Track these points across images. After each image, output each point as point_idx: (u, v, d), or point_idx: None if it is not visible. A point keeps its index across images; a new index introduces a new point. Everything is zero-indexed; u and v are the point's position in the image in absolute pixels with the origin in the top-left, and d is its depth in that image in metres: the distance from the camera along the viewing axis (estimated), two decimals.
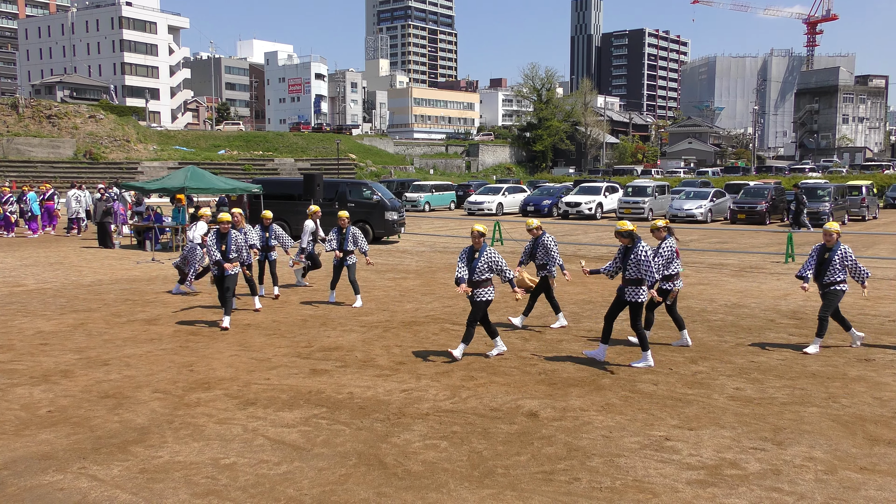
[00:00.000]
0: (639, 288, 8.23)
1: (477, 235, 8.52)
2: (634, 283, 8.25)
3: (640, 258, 8.16)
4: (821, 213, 27.90)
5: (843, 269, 8.97)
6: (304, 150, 69.58)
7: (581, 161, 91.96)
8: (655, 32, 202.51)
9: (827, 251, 9.02)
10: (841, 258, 8.93)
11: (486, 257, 8.49)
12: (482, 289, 8.51)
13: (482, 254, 8.51)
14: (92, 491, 5.12)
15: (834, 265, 8.91)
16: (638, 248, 8.23)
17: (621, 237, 8.39)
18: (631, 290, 8.29)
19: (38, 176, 48.48)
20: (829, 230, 9.05)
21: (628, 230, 8.35)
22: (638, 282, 8.23)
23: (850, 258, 8.96)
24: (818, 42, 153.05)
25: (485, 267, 8.48)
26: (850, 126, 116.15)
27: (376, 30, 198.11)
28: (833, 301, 9.00)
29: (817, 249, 9.14)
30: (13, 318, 10.95)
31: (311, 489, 5.14)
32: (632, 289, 8.28)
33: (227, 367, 8.29)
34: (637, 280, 8.22)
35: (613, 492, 5.10)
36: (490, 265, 8.49)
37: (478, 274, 8.45)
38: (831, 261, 8.92)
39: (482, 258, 8.49)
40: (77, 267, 16.80)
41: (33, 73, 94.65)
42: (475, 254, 8.56)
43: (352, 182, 26.51)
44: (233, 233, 10.60)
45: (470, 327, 8.57)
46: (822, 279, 9.01)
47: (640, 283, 8.22)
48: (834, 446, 5.94)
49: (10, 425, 6.41)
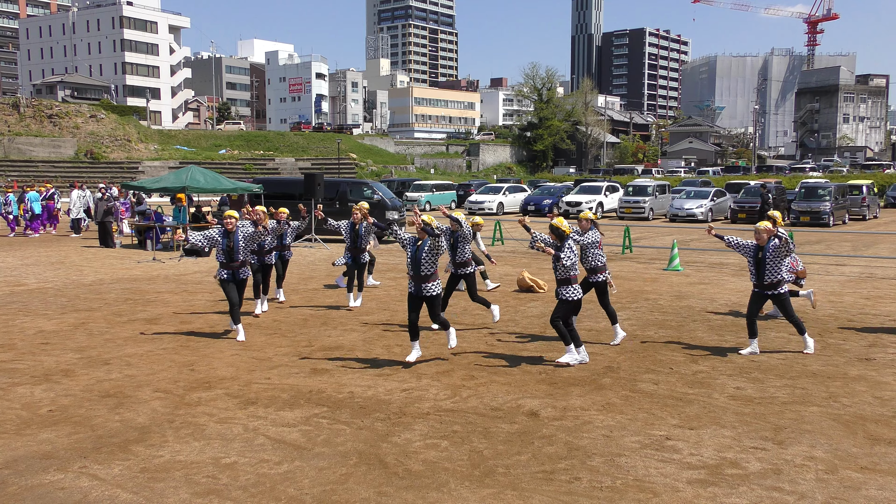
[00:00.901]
0: (568, 287, 8.24)
1: (420, 226, 8.11)
2: (563, 282, 8.27)
3: (561, 260, 8.14)
4: (821, 212, 27.90)
5: (779, 263, 8.65)
6: (305, 149, 69.61)
7: (582, 160, 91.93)
8: (656, 32, 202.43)
9: (760, 250, 8.74)
10: (773, 253, 8.61)
11: (427, 246, 8.14)
12: (431, 283, 8.20)
13: (423, 245, 8.17)
14: (93, 490, 5.13)
15: (770, 263, 8.66)
16: (563, 248, 8.19)
17: (551, 233, 8.32)
18: (562, 289, 8.30)
19: (40, 175, 48.50)
20: (758, 228, 8.75)
21: (559, 229, 8.20)
22: (566, 281, 8.24)
23: (779, 245, 8.57)
24: (819, 41, 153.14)
25: (430, 257, 8.12)
26: (850, 125, 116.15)
27: (377, 29, 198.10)
28: (788, 304, 8.75)
29: (753, 249, 8.82)
30: (14, 318, 10.96)
31: (312, 488, 5.15)
32: (563, 288, 8.29)
33: (228, 367, 8.29)
34: (566, 280, 8.23)
35: (614, 491, 5.11)
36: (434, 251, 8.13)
37: (424, 267, 8.13)
38: (765, 260, 8.67)
39: (425, 248, 8.14)
40: (78, 266, 16.81)
41: (34, 73, 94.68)
42: (418, 242, 8.23)
43: (353, 181, 26.53)
44: (241, 229, 9.64)
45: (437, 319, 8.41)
46: (762, 281, 8.72)
47: (569, 283, 8.23)
48: (835, 446, 5.94)
49: (11, 424, 6.42)
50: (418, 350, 8.48)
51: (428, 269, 8.15)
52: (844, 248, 20.65)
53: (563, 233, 8.24)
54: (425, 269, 8.13)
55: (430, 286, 8.22)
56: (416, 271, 8.16)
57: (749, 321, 8.92)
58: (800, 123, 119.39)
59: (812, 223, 27.71)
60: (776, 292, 8.74)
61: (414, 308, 8.32)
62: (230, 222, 9.54)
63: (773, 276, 8.68)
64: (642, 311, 11.60)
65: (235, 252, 9.50)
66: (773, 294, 8.76)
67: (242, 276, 9.69)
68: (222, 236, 9.51)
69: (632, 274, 15.68)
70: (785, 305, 8.79)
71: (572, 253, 8.19)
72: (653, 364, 8.43)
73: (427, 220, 8.16)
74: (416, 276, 8.19)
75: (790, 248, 8.61)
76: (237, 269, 9.60)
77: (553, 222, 8.31)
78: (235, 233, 9.54)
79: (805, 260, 17.62)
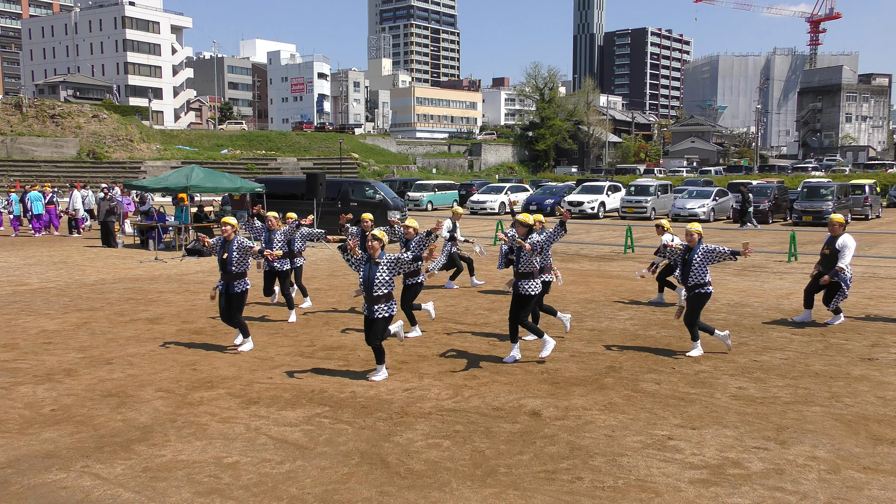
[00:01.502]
0: (529, 281, 8.27)
1: (371, 240, 7.50)
2: (526, 276, 8.29)
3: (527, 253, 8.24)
4: (823, 212, 27.86)
5: (705, 269, 8.61)
6: (307, 149, 69.64)
7: (584, 160, 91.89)
8: (658, 31, 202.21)
9: (689, 251, 8.71)
10: (702, 258, 8.57)
11: (385, 263, 7.55)
12: (383, 304, 7.57)
13: (382, 263, 7.54)
14: (95, 489, 5.13)
15: (696, 266, 8.60)
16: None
17: (519, 226, 8.38)
18: (523, 283, 8.31)
19: (42, 175, 48.58)
20: (689, 230, 8.73)
21: (526, 222, 8.35)
22: (528, 275, 8.28)
23: (711, 250, 8.57)
24: (821, 41, 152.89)
25: (385, 277, 7.52)
26: (853, 125, 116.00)
27: (379, 29, 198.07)
28: (697, 305, 8.72)
29: (682, 250, 8.82)
30: (17, 317, 10.97)
31: (314, 488, 5.15)
32: (524, 282, 8.30)
33: (230, 366, 8.30)
34: (528, 273, 8.28)
35: (616, 491, 5.10)
36: (391, 269, 7.56)
37: (377, 288, 7.53)
38: (692, 262, 8.62)
39: (381, 267, 7.52)
40: (80, 266, 16.83)
41: (37, 73, 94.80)
42: (371, 264, 7.57)
43: (354, 181, 26.54)
44: (238, 239, 8.88)
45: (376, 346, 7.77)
46: (687, 281, 8.72)
47: (531, 277, 8.30)
48: (837, 446, 5.93)
49: (13, 424, 6.43)
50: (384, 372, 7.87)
51: (382, 289, 7.54)
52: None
53: (530, 226, 8.37)
54: (378, 290, 7.53)
55: (381, 308, 7.60)
56: (368, 292, 7.57)
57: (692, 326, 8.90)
58: (802, 123, 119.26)
59: (814, 223, 27.66)
60: (698, 292, 8.68)
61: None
62: (227, 230, 8.83)
63: (697, 279, 8.63)
64: (644, 311, 11.59)
65: (229, 263, 8.77)
66: (693, 294, 8.70)
67: (236, 289, 8.84)
68: (220, 245, 8.91)
69: (634, 274, 15.66)
70: (694, 306, 8.71)
71: (538, 246, 8.30)
72: (655, 364, 8.42)
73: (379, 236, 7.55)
74: (368, 298, 7.59)
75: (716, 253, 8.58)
76: (231, 282, 8.82)
77: (518, 217, 8.44)
78: (231, 243, 8.83)
79: (808, 260, 17.60)
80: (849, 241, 10.34)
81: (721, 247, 8.65)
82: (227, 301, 8.87)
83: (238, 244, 8.83)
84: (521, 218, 8.45)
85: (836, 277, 10.21)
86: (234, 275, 8.83)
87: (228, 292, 8.85)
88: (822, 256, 10.52)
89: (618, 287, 14.05)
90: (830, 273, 10.21)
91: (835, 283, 10.32)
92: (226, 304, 8.88)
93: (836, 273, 10.18)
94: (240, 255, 8.83)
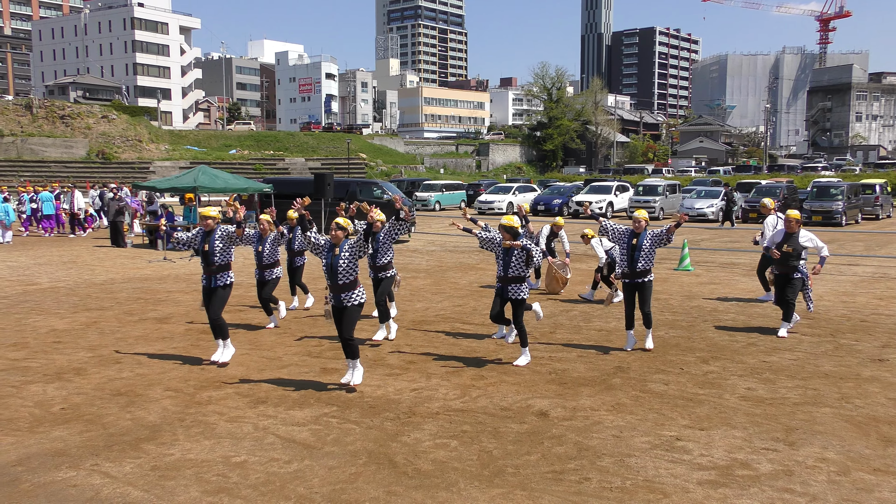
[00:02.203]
0: (521, 286, 8.18)
1: (335, 228, 7.34)
2: (517, 280, 8.17)
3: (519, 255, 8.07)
4: (834, 211, 27.71)
5: (653, 253, 8.74)
6: (315, 149, 69.75)
7: (591, 160, 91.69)
8: (666, 31, 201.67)
9: (635, 237, 8.79)
10: (651, 241, 8.67)
11: (346, 249, 7.31)
12: (351, 292, 7.36)
13: (342, 249, 7.31)
14: (104, 488, 5.16)
15: (645, 250, 8.69)
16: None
17: (503, 231, 8.16)
18: (514, 287, 8.19)
19: (52, 176, 48.81)
20: (636, 217, 8.84)
21: (513, 227, 8.11)
22: (520, 279, 8.16)
23: (656, 233, 8.70)
24: (831, 39, 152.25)
25: (346, 263, 7.28)
26: (863, 124, 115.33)
27: (386, 29, 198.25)
28: (649, 294, 8.86)
29: (627, 234, 8.88)
30: (27, 317, 11.03)
31: (322, 487, 5.16)
32: (515, 286, 8.19)
33: (238, 366, 8.32)
34: (520, 278, 8.16)
35: (624, 492, 5.09)
36: (351, 254, 7.32)
37: (340, 276, 7.31)
38: (641, 247, 8.70)
39: (343, 254, 7.29)
40: (90, 266, 16.92)
41: (47, 74, 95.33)
42: (335, 250, 7.33)
43: (362, 181, 26.58)
44: (220, 229, 8.41)
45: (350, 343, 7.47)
46: (634, 266, 8.75)
47: (523, 281, 8.19)
48: (847, 447, 5.90)
49: (24, 422, 6.46)
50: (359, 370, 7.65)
51: (347, 276, 7.32)
52: (857, 248, 20.50)
53: (516, 231, 8.15)
54: (343, 277, 7.30)
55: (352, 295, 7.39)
56: (333, 280, 7.35)
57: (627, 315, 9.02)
58: (812, 122, 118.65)
59: (824, 223, 27.51)
60: (645, 280, 8.79)
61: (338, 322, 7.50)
62: (207, 223, 8.39)
63: (646, 264, 8.74)
64: (652, 312, 11.54)
65: (211, 255, 8.30)
66: (641, 282, 8.80)
67: (219, 282, 8.39)
68: (201, 237, 8.44)
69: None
70: (649, 296, 8.84)
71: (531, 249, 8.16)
72: (663, 364, 8.39)
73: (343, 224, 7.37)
74: (333, 286, 7.38)
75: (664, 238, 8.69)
76: (213, 275, 8.38)
77: (503, 221, 8.18)
78: (213, 233, 8.37)
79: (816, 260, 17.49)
80: (812, 234, 9.97)
81: (660, 228, 8.76)
82: (208, 296, 8.42)
83: (221, 232, 8.36)
84: (506, 222, 8.14)
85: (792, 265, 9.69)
86: (217, 267, 8.35)
87: (211, 286, 8.39)
88: (781, 254, 9.70)
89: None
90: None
91: (784, 279, 9.75)
92: (208, 299, 8.42)
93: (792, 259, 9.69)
94: (223, 245, 8.33)
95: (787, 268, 9.71)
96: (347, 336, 7.38)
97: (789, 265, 9.69)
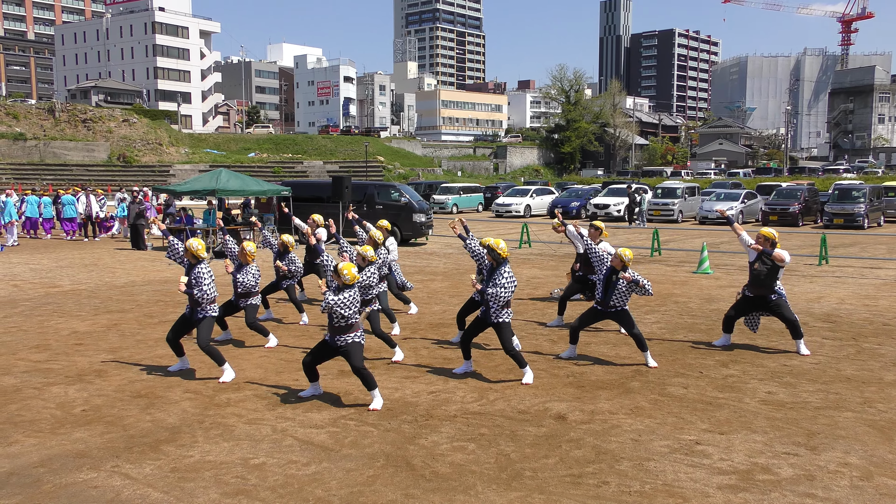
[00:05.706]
0: (508, 309, 7.64)
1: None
2: (506, 305, 7.61)
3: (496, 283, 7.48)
4: (856, 214, 27.38)
5: (627, 295, 8.28)
6: (333, 152, 70.06)
7: (610, 163, 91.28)
8: (685, 33, 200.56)
9: (614, 272, 8.29)
10: (628, 286, 8.20)
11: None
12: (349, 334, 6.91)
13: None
14: (125, 489, 5.20)
15: (619, 288, 8.23)
16: (501, 271, 7.55)
17: (489, 254, 7.63)
18: (504, 312, 7.63)
19: (74, 179, 49.41)
20: (618, 254, 8.23)
21: (493, 251, 7.53)
22: (507, 304, 7.59)
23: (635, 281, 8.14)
24: (853, 41, 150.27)
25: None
26: (885, 126, 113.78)
27: (404, 32, 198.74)
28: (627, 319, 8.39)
29: (608, 267, 8.38)
30: (49, 319, 11.17)
31: (340, 490, 5.17)
32: (504, 312, 7.63)
33: (257, 368, 8.37)
34: (507, 302, 7.58)
35: (643, 496, 5.05)
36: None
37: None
38: (616, 285, 8.24)
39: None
40: (111, 268, 17.09)
41: (69, 78, 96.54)
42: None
43: (380, 184, 26.63)
44: (200, 267, 7.83)
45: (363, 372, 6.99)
46: (607, 300, 8.36)
47: (509, 305, 7.64)
48: (870, 452, 5.82)
49: (46, 423, 6.54)
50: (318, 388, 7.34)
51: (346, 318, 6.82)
52: (880, 251, 20.24)
53: (500, 256, 7.56)
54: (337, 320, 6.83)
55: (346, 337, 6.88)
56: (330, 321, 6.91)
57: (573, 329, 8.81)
58: (833, 124, 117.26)
59: (846, 225, 27.20)
60: (617, 309, 8.39)
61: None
62: (189, 257, 7.87)
63: (619, 303, 8.33)
64: (671, 315, 11.47)
65: (188, 286, 7.77)
66: (612, 312, 8.42)
67: (198, 315, 7.90)
68: (186, 267, 7.95)
69: (661, 277, 15.53)
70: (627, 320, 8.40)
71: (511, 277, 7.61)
72: (682, 368, 8.33)
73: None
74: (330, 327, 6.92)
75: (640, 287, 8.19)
76: (193, 307, 7.91)
77: (490, 243, 7.59)
78: (194, 268, 7.83)
79: (839, 263, 17.31)
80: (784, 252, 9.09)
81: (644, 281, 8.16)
82: (182, 324, 7.98)
83: (200, 269, 7.78)
84: (492, 245, 7.55)
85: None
86: (194, 301, 7.83)
87: (192, 318, 7.93)
88: (753, 275, 8.99)
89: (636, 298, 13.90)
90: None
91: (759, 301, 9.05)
92: (180, 327, 7.97)
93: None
94: (201, 281, 7.74)
95: (763, 289, 8.95)
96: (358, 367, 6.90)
97: (765, 286, 8.93)
